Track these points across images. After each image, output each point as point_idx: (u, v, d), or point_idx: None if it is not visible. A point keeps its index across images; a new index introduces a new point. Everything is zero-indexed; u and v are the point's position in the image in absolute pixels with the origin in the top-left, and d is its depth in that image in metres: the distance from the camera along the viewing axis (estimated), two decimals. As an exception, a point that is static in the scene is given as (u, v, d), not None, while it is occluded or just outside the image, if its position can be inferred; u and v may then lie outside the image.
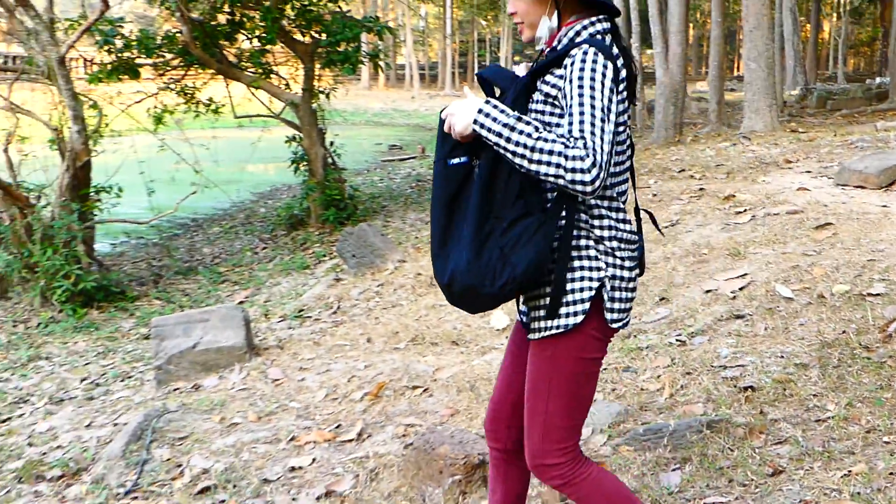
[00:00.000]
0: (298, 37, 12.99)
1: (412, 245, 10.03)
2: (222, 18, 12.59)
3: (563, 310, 2.37)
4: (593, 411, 4.17)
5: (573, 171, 2.13)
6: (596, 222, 2.37)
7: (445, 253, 2.38)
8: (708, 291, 5.74)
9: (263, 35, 12.36)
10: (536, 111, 2.37)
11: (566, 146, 2.14)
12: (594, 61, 2.25)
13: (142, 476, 4.38)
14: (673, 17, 15.50)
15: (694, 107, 23.46)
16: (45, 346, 8.29)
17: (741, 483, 3.38)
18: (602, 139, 2.16)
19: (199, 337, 6.19)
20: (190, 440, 4.74)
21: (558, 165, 2.14)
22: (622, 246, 2.40)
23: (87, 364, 7.47)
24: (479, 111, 2.26)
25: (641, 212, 2.67)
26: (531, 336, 2.47)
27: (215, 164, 13.32)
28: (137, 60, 12.50)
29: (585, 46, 2.28)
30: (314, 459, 4.26)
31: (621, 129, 2.39)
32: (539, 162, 2.16)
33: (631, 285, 2.45)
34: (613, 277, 2.39)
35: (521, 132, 2.19)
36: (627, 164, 2.50)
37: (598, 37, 2.37)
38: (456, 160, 2.38)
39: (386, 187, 17.30)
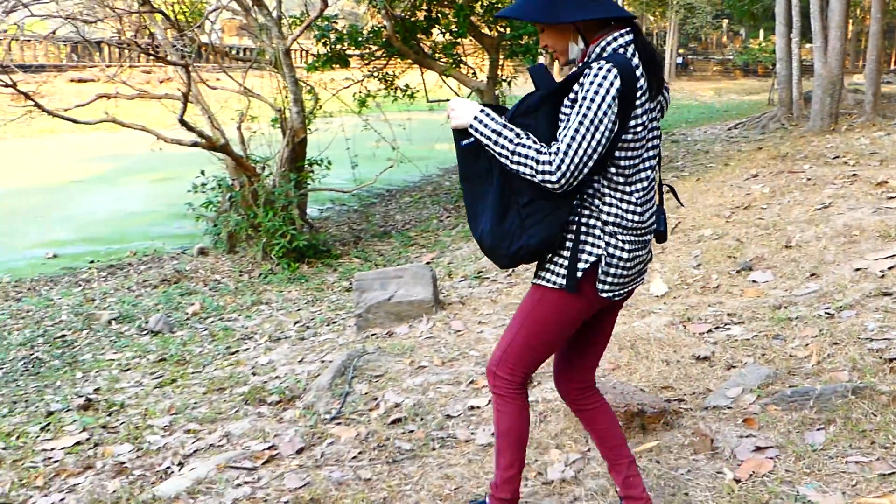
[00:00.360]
0: (485, 31, 13.05)
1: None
2: (420, 15, 12.78)
3: (561, 271, 2.51)
4: (744, 372, 4.09)
5: (542, 173, 2.33)
6: (605, 208, 2.46)
7: (476, 216, 2.57)
8: (857, 269, 5.47)
9: (455, 29, 12.49)
10: (565, 112, 2.41)
11: (539, 152, 2.34)
12: (604, 77, 2.31)
13: (344, 406, 4.58)
14: (833, 13, 14.62)
15: (850, 98, 22.07)
16: (265, 293, 8.73)
17: (883, 445, 3.23)
18: (579, 148, 2.30)
19: (394, 291, 6.38)
20: (384, 378, 4.92)
21: (531, 168, 2.34)
22: (624, 231, 2.48)
23: (298, 310, 7.82)
24: (475, 118, 2.47)
25: (665, 186, 2.79)
26: (533, 280, 2.62)
27: (409, 143, 13.56)
28: (347, 52, 12.88)
29: (602, 62, 2.34)
30: (490, 401, 4.34)
31: (639, 128, 2.42)
32: (517, 163, 2.37)
33: (628, 265, 2.52)
34: (611, 256, 2.48)
35: (505, 137, 2.40)
36: (644, 155, 2.49)
37: (620, 50, 2.41)
38: (466, 141, 2.54)
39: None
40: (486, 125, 2.44)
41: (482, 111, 2.47)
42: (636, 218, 2.48)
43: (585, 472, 3.37)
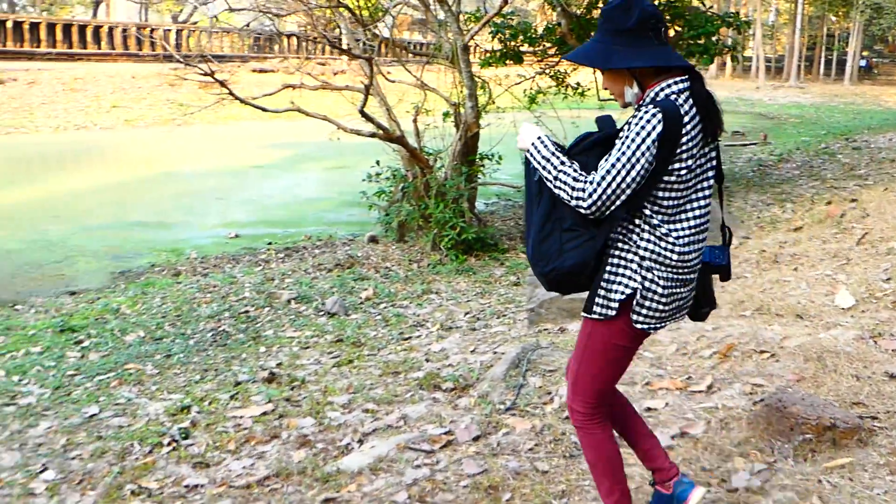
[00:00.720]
0: (662, 30, 12.81)
1: (755, 223, 9.64)
2: (596, 13, 12.67)
3: (601, 302, 2.64)
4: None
5: (576, 199, 2.50)
6: (642, 244, 2.58)
7: (528, 233, 2.71)
8: None
9: (632, 28, 12.32)
10: None
11: (576, 180, 2.51)
12: (648, 121, 2.43)
13: (519, 397, 4.63)
14: None
15: None
16: (434, 282, 8.91)
17: None
18: (612, 181, 2.45)
19: (567, 287, 6.36)
20: (558, 373, 4.93)
21: (568, 193, 2.51)
22: (661, 268, 2.58)
23: (468, 301, 7.95)
24: (532, 143, 2.65)
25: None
26: (582, 313, 2.76)
27: (579, 141, 13.51)
28: (521, 48, 12.93)
29: (650, 107, 2.46)
30: (667, 403, 4.28)
31: (683, 171, 2.51)
32: (557, 187, 2.55)
33: (663, 300, 2.61)
34: (646, 289, 2.59)
35: (552, 163, 2.57)
36: (691, 196, 2.59)
37: (672, 97, 2.50)
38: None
39: (728, 170, 16.69)
40: (539, 151, 2.62)
41: (539, 138, 2.65)
42: (674, 256, 2.57)
43: (773, 483, 3.29)
